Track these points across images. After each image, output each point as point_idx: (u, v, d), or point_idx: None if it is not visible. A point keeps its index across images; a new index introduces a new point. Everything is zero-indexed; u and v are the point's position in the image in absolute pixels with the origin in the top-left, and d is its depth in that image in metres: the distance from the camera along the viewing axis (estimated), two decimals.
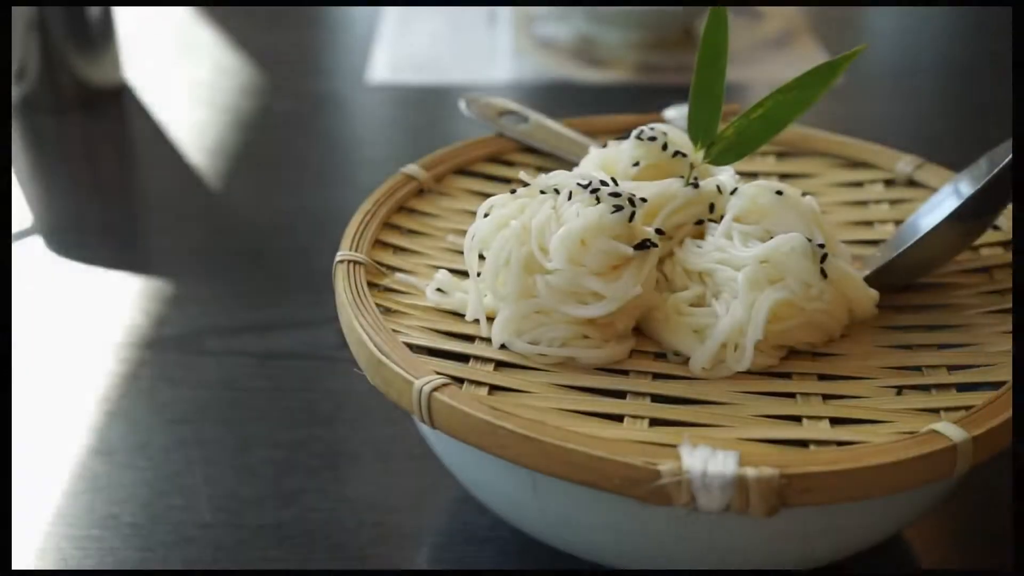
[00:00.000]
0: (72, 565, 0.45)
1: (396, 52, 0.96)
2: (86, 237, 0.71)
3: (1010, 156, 0.40)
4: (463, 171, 0.51)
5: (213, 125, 0.84)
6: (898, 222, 0.48)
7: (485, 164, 0.52)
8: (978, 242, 0.46)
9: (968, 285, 0.44)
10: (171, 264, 0.68)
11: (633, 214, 0.39)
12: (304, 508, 0.48)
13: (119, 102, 0.87)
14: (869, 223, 0.49)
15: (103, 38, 0.85)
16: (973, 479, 0.49)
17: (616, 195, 0.39)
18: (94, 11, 0.83)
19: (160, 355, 0.58)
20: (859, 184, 0.51)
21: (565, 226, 0.39)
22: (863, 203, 0.50)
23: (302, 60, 0.97)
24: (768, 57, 0.95)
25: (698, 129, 0.43)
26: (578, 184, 0.40)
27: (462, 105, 0.54)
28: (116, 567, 0.45)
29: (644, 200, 0.40)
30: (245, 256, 0.68)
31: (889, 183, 0.51)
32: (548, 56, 0.96)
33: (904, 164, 0.51)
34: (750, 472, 0.33)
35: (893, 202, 0.50)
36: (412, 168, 0.50)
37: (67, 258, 0.67)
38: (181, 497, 0.49)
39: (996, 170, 0.40)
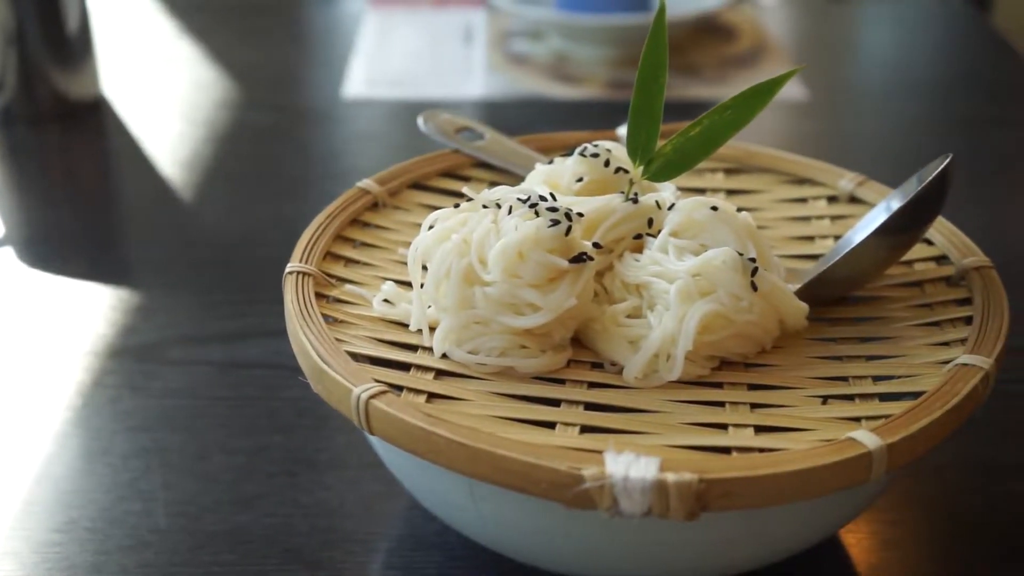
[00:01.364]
0: (29, 570, 0.46)
1: (373, 67, 0.98)
2: (58, 248, 0.72)
3: (935, 173, 0.42)
4: (418, 185, 0.53)
5: (189, 138, 0.86)
6: (837, 237, 0.49)
7: (440, 179, 0.53)
8: (911, 257, 0.47)
9: (900, 298, 0.45)
10: (141, 275, 0.69)
11: (570, 228, 0.41)
12: (259, 514, 0.49)
13: (96, 115, 0.88)
14: (810, 238, 0.50)
15: (81, 51, 0.87)
16: (913, 482, 0.51)
17: (554, 209, 0.41)
18: (72, 24, 0.85)
19: (124, 364, 0.59)
20: (803, 200, 0.53)
21: (503, 239, 0.40)
22: (806, 219, 0.52)
23: (279, 75, 0.99)
24: (738, 74, 0.96)
25: (637, 146, 0.44)
26: (518, 199, 0.42)
27: (420, 121, 0.56)
28: (71, 571, 0.46)
29: (581, 215, 0.42)
30: (214, 267, 0.69)
31: (832, 199, 0.52)
32: (522, 72, 0.97)
33: (846, 181, 0.52)
34: (670, 477, 0.34)
35: (834, 218, 0.51)
36: (367, 182, 0.51)
37: (38, 269, 0.68)
38: (139, 502, 0.50)
39: (920, 187, 0.42)
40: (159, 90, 0.95)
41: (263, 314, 0.64)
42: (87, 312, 0.64)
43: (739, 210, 0.44)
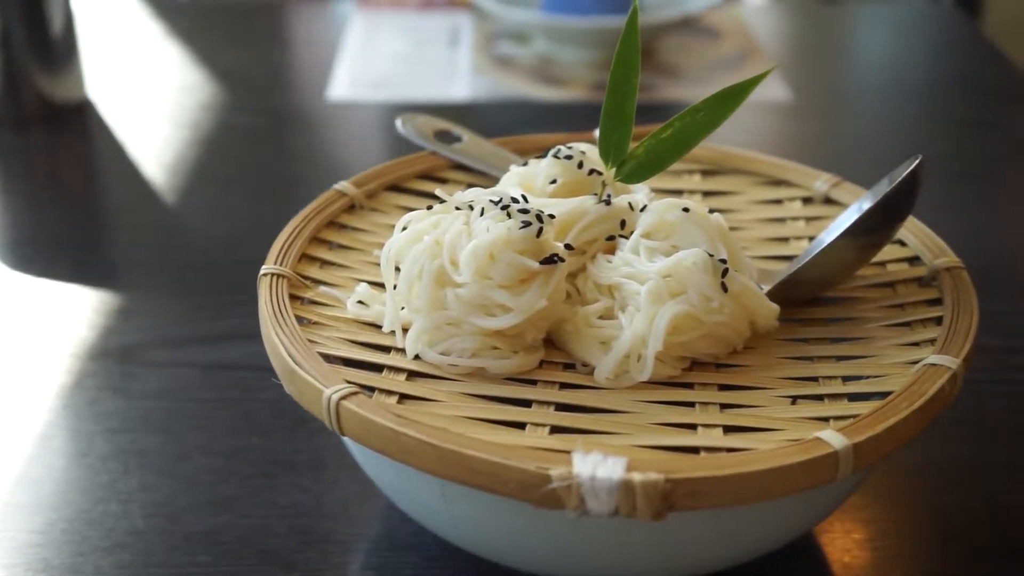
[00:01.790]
0: (6, 571, 0.46)
1: (357, 70, 0.98)
2: (42, 250, 0.72)
3: (904, 175, 0.42)
4: (396, 188, 0.53)
5: (173, 140, 0.86)
6: (812, 238, 0.50)
7: (418, 181, 0.53)
8: (884, 258, 0.48)
9: (872, 299, 0.46)
10: (123, 277, 0.69)
11: (541, 230, 0.41)
12: (236, 515, 0.49)
13: (81, 117, 0.88)
14: (785, 239, 0.50)
15: (66, 54, 0.87)
16: (889, 481, 0.51)
17: (525, 211, 0.41)
18: (57, 27, 0.85)
19: (105, 366, 0.59)
20: (778, 201, 0.53)
21: (474, 241, 0.40)
22: (781, 220, 0.52)
23: (263, 77, 0.99)
24: (722, 77, 0.97)
25: (609, 148, 0.44)
26: (490, 201, 0.42)
27: (398, 123, 0.56)
28: (48, 572, 0.46)
29: (552, 216, 0.42)
30: (197, 269, 0.69)
31: (807, 201, 0.53)
32: (507, 75, 0.98)
33: (821, 183, 0.53)
34: (636, 477, 0.34)
35: (809, 219, 0.51)
36: (344, 184, 0.51)
37: (21, 271, 0.69)
38: (117, 504, 0.50)
39: (889, 188, 0.42)
40: (144, 92, 0.95)
41: (244, 316, 0.64)
42: (69, 314, 0.64)
43: (712, 211, 0.44)
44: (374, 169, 0.53)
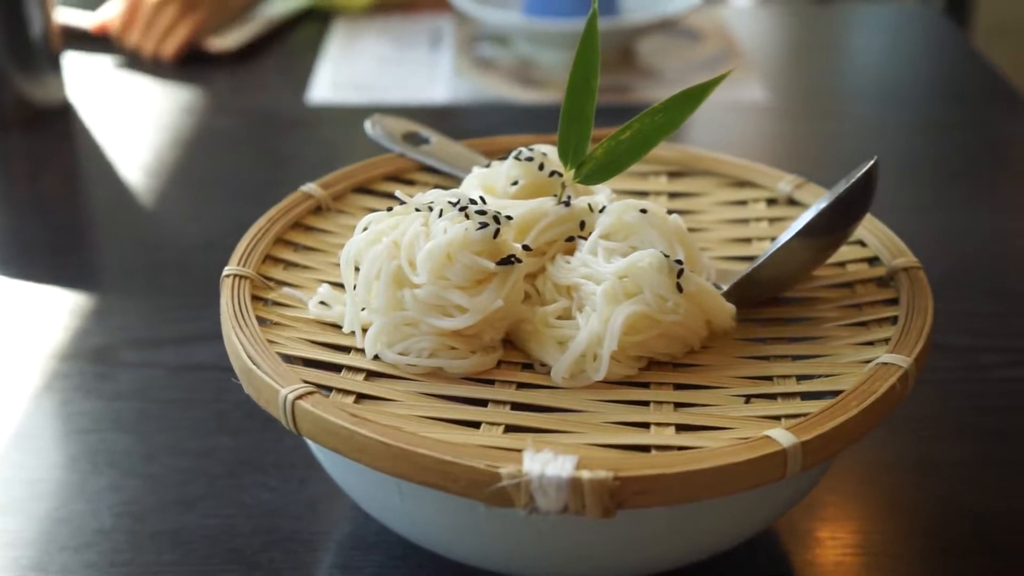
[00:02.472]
0: None
1: (340, 72, 0.98)
2: (21, 251, 0.72)
3: (858, 176, 0.42)
4: (363, 189, 0.53)
5: (153, 143, 0.86)
6: (774, 239, 0.50)
7: (385, 183, 0.54)
8: (844, 258, 0.48)
9: (831, 299, 0.46)
10: (99, 279, 0.70)
11: (498, 231, 0.41)
12: (203, 515, 0.50)
13: (62, 120, 0.89)
14: (748, 240, 0.51)
15: (46, 57, 0.87)
16: (850, 478, 0.52)
17: (483, 213, 0.41)
18: (37, 31, 0.85)
19: (78, 366, 0.60)
20: (743, 203, 0.53)
21: (431, 242, 0.41)
22: (744, 221, 0.52)
23: (244, 79, 0.99)
24: (702, 78, 0.97)
25: (568, 150, 0.45)
26: (449, 202, 0.42)
27: (367, 125, 0.56)
28: (16, 571, 0.47)
29: (510, 218, 0.42)
30: (172, 271, 0.70)
31: (771, 202, 0.53)
32: (487, 77, 0.98)
33: (785, 184, 0.53)
34: (585, 475, 0.35)
35: (772, 220, 0.52)
36: (310, 186, 0.52)
37: None
38: (85, 503, 0.50)
39: (841, 190, 0.42)
40: (124, 95, 0.95)
41: (217, 318, 0.64)
42: (44, 315, 0.64)
43: (672, 212, 0.45)
44: (341, 171, 0.53)
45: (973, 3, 2.08)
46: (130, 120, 0.90)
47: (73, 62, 0.96)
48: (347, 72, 0.98)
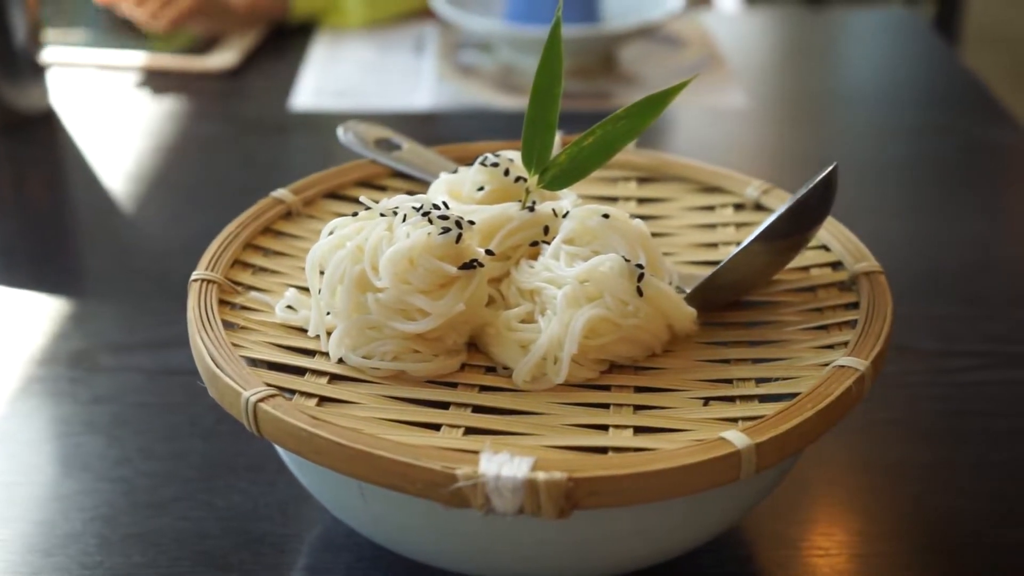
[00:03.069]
0: None
1: (322, 79, 0.99)
2: (2, 257, 0.73)
3: (816, 181, 0.43)
4: (334, 195, 0.54)
5: (135, 150, 0.86)
6: (740, 244, 0.50)
7: (356, 188, 0.54)
8: (808, 263, 0.49)
9: (793, 303, 0.47)
10: (79, 284, 0.70)
11: (460, 236, 0.42)
12: (174, 517, 0.50)
13: (46, 127, 0.89)
14: (714, 245, 0.51)
15: (30, 65, 0.87)
16: (819, 479, 0.52)
17: (445, 218, 0.42)
18: (20, 38, 0.86)
19: (54, 371, 0.60)
20: (711, 208, 0.54)
21: (394, 246, 0.41)
22: (711, 226, 0.53)
23: (228, 85, 0.99)
24: None
25: (532, 155, 0.45)
26: (412, 207, 0.43)
27: (339, 131, 0.57)
28: None
29: (472, 223, 0.43)
30: (151, 276, 0.70)
31: (739, 207, 0.54)
32: (470, 83, 0.99)
33: (752, 189, 0.53)
34: (540, 476, 0.35)
35: (739, 225, 0.52)
36: (281, 192, 0.52)
37: None
38: (57, 506, 0.51)
39: (799, 195, 0.43)
40: (107, 102, 0.95)
41: None
42: (24, 319, 0.65)
43: (635, 217, 0.45)
44: (313, 176, 0.54)
45: (963, 12, 2.09)
46: (113, 127, 0.90)
47: (56, 70, 0.97)
48: (331, 79, 0.99)
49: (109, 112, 0.93)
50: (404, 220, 0.42)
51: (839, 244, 0.49)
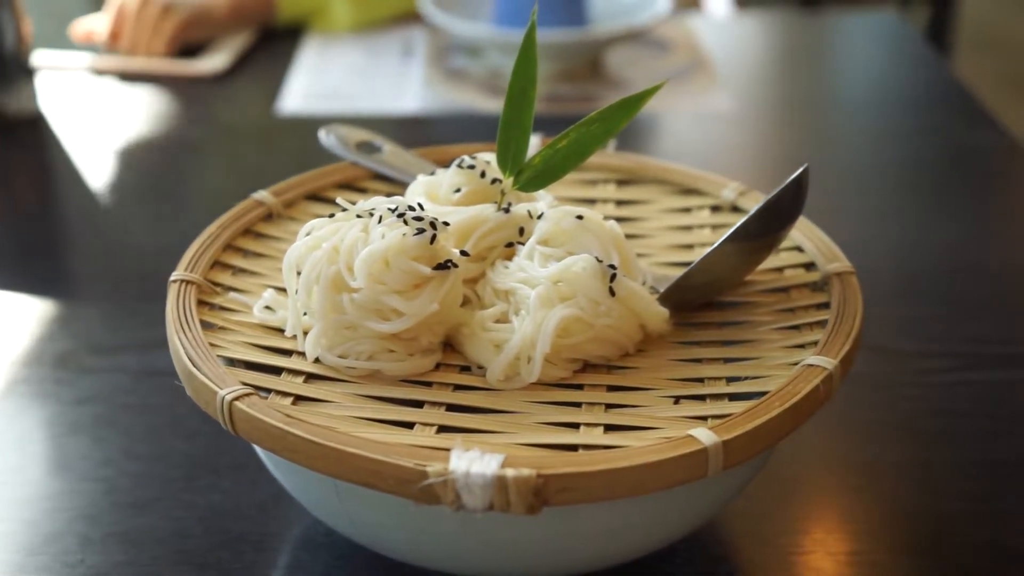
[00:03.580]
0: None
1: (311, 82, 0.99)
2: None
3: (786, 182, 0.43)
4: (315, 197, 0.54)
5: (123, 153, 0.87)
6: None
7: (337, 190, 0.55)
8: (782, 264, 0.49)
9: (766, 303, 0.47)
10: (65, 285, 0.71)
11: (434, 236, 0.42)
12: (155, 517, 0.51)
13: (34, 131, 0.90)
14: (690, 246, 0.52)
15: (18, 68, 0.88)
16: (794, 478, 0.53)
17: (420, 219, 0.42)
18: (9, 42, 0.86)
19: (39, 372, 0.61)
20: (688, 210, 0.55)
21: (369, 247, 0.42)
22: (688, 228, 0.53)
23: (216, 89, 1.00)
24: (669, 88, 0.98)
25: (507, 158, 0.46)
26: (388, 208, 0.43)
27: (321, 134, 0.57)
28: None
29: (447, 224, 0.43)
30: (136, 278, 0.71)
31: (715, 209, 0.54)
32: (458, 87, 0.99)
33: (729, 191, 0.54)
34: (509, 472, 0.35)
35: (715, 227, 0.53)
36: (262, 194, 0.53)
37: None
38: (39, 507, 0.51)
39: (770, 195, 0.43)
40: (95, 106, 0.96)
41: None
42: (10, 321, 0.65)
43: (610, 219, 0.46)
44: (294, 179, 0.54)
45: (956, 18, 2.10)
46: (100, 131, 0.91)
47: (44, 73, 0.97)
48: (319, 82, 1.00)
49: (97, 116, 0.94)
50: (380, 221, 0.43)
51: (812, 245, 0.49)
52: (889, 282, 0.70)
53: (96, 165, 0.85)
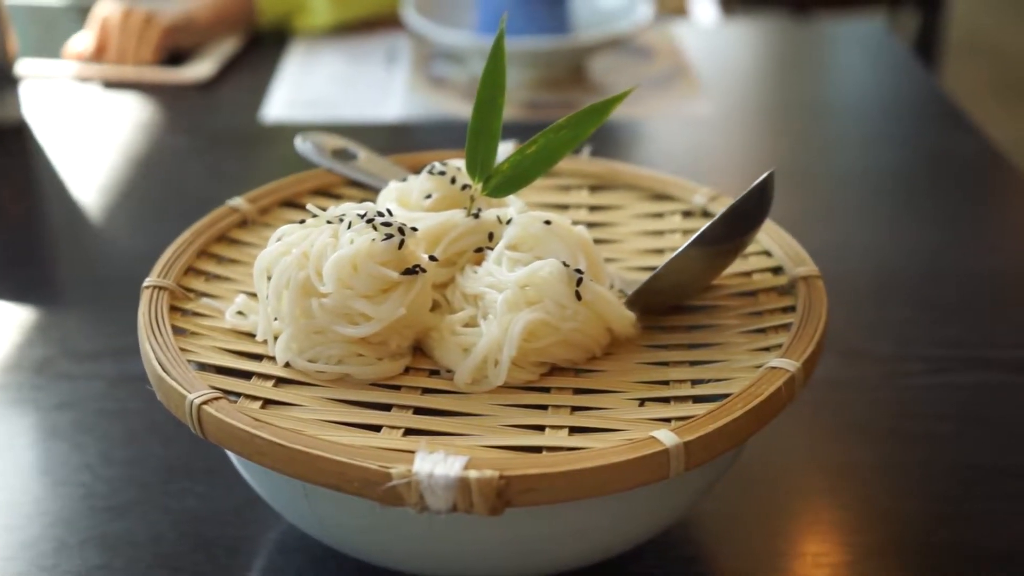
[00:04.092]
0: None
1: (294, 90, 1.00)
2: None
3: (751, 187, 0.44)
4: (290, 203, 0.55)
5: (107, 161, 0.87)
6: None
7: (311, 197, 0.55)
8: (750, 268, 0.50)
9: (734, 307, 0.48)
10: (46, 292, 0.71)
11: (403, 242, 0.43)
12: (132, 521, 0.51)
13: (18, 138, 0.90)
14: (661, 251, 0.52)
15: (3, 77, 0.88)
16: (771, 479, 0.53)
17: (389, 224, 0.43)
18: None
19: (18, 378, 0.61)
20: (659, 215, 0.55)
21: (337, 252, 0.42)
22: (659, 233, 0.54)
23: (200, 97, 1.00)
24: (651, 95, 0.99)
25: (476, 164, 0.46)
26: (358, 214, 0.44)
27: (297, 141, 0.58)
28: None
29: (415, 229, 0.44)
30: (116, 285, 0.71)
31: (687, 214, 0.55)
32: (441, 94, 1.00)
33: (700, 196, 0.55)
34: (472, 474, 0.36)
35: (686, 231, 0.53)
36: (237, 201, 0.53)
37: None
38: (17, 512, 0.51)
39: (736, 200, 0.44)
40: (79, 114, 0.96)
41: None
42: None
43: (579, 224, 0.46)
44: (269, 185, 0.55)
45: (946, 24, 2.11)
46: (85, 138, 0.91)
47: (29, 82, 0.98)
48: (302, 90, 1.00)
49: (82, 124, 0.94)
50: (349, 227, 0.43)
51: (780, 249, 0.50)
52: (865, 286, 0.71)
53: (80, 173, 0.85)
